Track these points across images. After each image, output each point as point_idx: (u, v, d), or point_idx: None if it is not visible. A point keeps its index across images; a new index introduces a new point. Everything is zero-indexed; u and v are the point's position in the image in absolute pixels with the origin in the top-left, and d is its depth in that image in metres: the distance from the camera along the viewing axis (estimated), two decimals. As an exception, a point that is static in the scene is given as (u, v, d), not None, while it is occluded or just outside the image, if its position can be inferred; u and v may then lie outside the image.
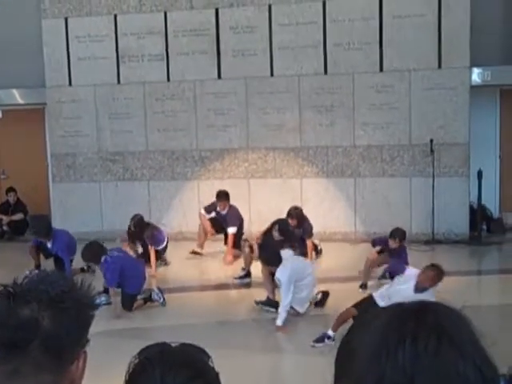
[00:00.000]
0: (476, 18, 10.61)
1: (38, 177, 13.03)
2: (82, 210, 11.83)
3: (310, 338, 6.44)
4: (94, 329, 1.44)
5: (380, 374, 0.90)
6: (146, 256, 9.32)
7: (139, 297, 7.71)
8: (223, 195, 10.14)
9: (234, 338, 6.71)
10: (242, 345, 6.51)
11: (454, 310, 0.97)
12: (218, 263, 9.87)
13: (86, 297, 1.41)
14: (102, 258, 7.58)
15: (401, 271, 6.93)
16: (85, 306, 1.40)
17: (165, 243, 9.73)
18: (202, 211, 10.33)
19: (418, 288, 6.27)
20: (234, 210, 10.19)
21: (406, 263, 7.70)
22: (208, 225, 10.26)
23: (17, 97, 12.66)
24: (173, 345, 1.47)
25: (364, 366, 0.92)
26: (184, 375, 1.37)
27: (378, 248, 8.53)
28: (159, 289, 7.87)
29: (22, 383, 1.32)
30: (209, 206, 10.33)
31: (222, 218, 10.20)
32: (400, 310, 0.98)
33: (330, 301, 7.62)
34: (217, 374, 1.45)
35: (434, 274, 6.37)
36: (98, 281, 7.58)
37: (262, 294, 7.63)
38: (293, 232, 9.06)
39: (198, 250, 10.21)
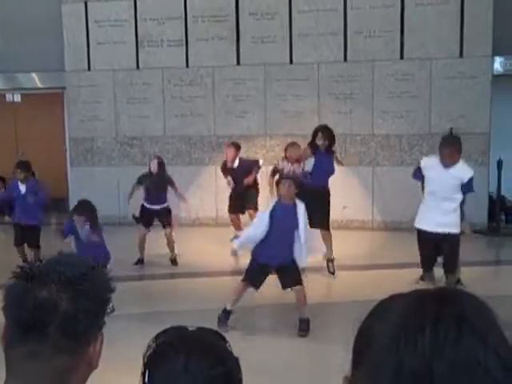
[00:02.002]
0: (499, 7, 10.48)
1: (56, 160, 13.10)
2: (99, 193, 11.84)
3: (326, 325, 6.44)
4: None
5: (398, 361, 0.88)
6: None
7: None
8: (234, 144, 9.81)
9: (247, 323, 6.71)
10: (255, 330, 6.52)
11: (476, 298, 0.95)
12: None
13: (103, 279, 1.42)
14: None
15: None
16: (102, 288, 1.40)
17: None
18: (230, 180, 9.68)
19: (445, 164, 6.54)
20: (244, 161, 9.80)
21: None
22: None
23: (36, 81, 12.72)
24: (190, 329, 1.47)
25: (382, 353, 0.90)
26: (207, 360, 1.36)
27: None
28: None
29: (39, 365, 1.32)
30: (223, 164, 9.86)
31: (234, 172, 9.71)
32: (420, 297, 0.96)
33: (348, 289, 7.61)
34: (237, 359, 1.44)
35: (448, 152, 6.50)
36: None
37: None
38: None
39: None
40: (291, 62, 11.29)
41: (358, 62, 11.02)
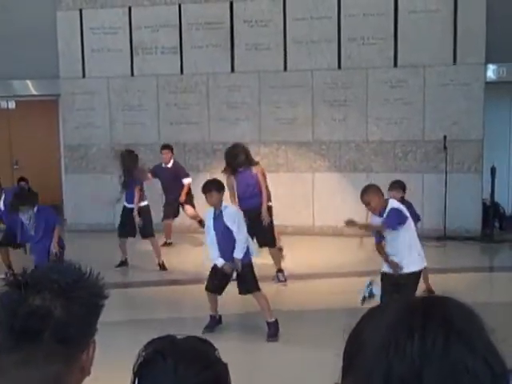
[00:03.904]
0: (492, 14, 10.53)
1: (50, 168, 13.08)
2: (94, 201, 11.86)
3: (315, 330, 6.44)
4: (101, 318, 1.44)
5: (388, 367, 0.89)
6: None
7: None
8: (166, 146, 10.39)
9: (236, 331, 6.70)
10: (245, 338, 6.51)
11: (464, 305, 0.96)
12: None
13: (95, 286, 1.42)
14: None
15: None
16: (95, 295, 1.40)
17: None
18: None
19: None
20: (179, 164, 10.47)
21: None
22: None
23: (31, 88, 12.71)
24: (178, 337, 1.47)
25: (372, 359, 0.91)
26: (196, 366, 1.37)
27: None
28: None
29: (32, 372, 1.32)
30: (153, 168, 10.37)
31: (168, 172, 10.24)
32: (409, 304, 0.97)
33: (340, 295, 7.61)
34: (225, 365, 1.45)
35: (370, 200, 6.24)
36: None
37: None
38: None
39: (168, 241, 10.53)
40: (285, 69, 11.32)
41: (352, 69, 11.05)
